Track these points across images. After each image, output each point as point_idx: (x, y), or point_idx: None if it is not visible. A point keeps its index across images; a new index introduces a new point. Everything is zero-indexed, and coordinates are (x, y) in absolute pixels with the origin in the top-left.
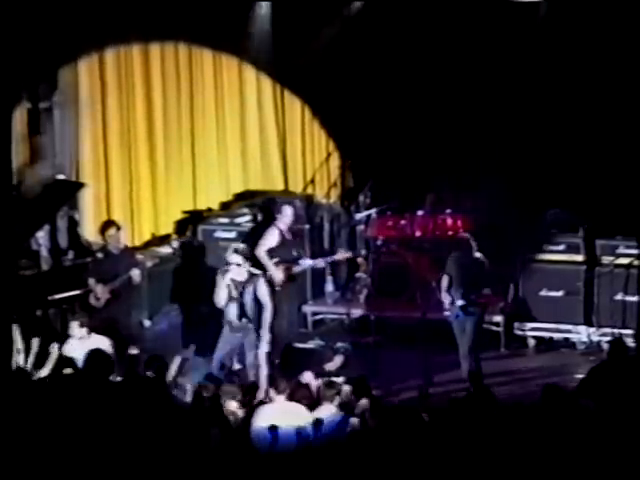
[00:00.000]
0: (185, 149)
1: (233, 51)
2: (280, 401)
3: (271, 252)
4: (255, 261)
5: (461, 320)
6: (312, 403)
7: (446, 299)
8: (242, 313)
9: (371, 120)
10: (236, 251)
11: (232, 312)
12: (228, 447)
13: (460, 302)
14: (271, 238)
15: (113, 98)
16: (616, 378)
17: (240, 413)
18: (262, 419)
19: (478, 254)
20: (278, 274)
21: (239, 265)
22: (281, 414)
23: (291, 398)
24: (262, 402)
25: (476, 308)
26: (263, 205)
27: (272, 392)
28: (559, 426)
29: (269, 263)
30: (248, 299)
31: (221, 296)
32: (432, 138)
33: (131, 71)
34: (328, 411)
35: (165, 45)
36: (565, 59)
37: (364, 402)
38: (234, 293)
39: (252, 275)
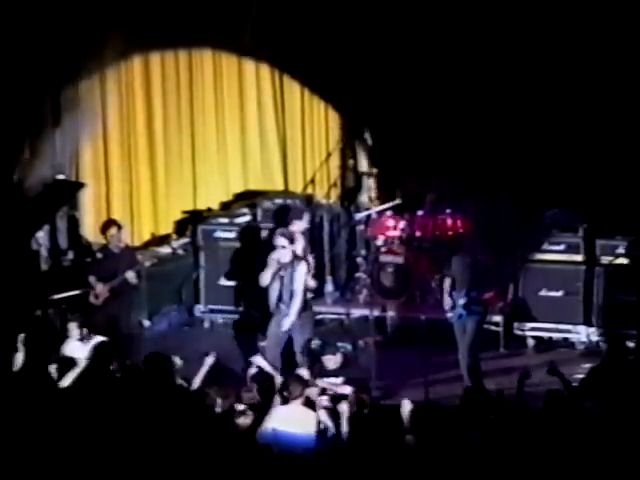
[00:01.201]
0: (185, 149)
1: (233, 47)
2: (294, 404)
3: None
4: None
5: (463, 320)
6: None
7: (448, 301)
8: (280, 296)
9: (371, 119)
10: (282, 234)
11: (273, 294)
12: (235, 447)
13: (462, 300)
14: (304, 244)
15: (113, 98)
16: (616, 378)
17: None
18: (272, 421)
19: (482, 254)
20: (312, 282)
21: (284, 247)
22: (291, 417)
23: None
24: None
25: (479, 307)
26: (277, 213)
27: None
28: (559, 426)
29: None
30: (286, 282)
31: (265, 277)
32: (432, 138)
33: (131, 71)
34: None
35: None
36: (565, 58)
37: (344, 407)
38: (277, 275)
39: (295, 258)
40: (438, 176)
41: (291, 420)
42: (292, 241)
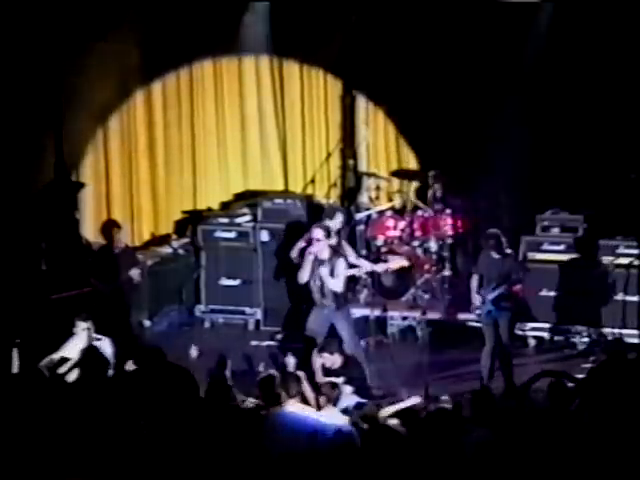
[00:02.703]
0: (185, 149)
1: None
2: (292, 403)
3: None
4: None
5: (493, 316)
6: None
7: (476, 298)
8: (322, 290)
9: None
10: (319, 227)
11: (315, 289)
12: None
13: (491, 296)
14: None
15: (113, 97)
16: (616, 378)
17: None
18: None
19: (509, 250)
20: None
21: (319, 240)
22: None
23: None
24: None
25: (508, 302)
26: (310, 210)
27: (283, 395)
28: (559, 426)
29: None
30: (327, 276)
31: (304, 274)
32: (432, 137)
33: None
34: (330, 414)
35: None
36: (565, 58)
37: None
38: (316, 270)
39: (334, 252)
40: (438, 176)
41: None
42: (328, 235)
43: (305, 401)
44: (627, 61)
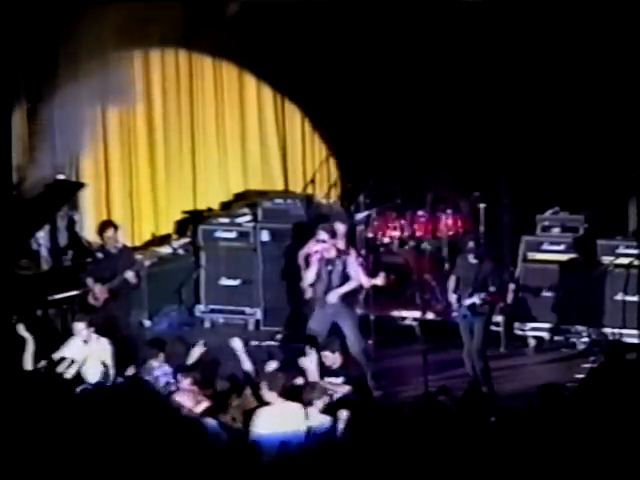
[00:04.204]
0: (185, 149)
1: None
2: (277, 402)
3: None
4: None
5: (469, 320)
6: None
7: (453, 300)
8: (329, 290)
9: (370, 120)
10: (323, 229)
11: (320, 289)
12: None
13: (467, 302)
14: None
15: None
16: (616, 379)
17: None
18: (261, 424)
19: (485, 256)
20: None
21: (324, 242)
22: (280, 417)
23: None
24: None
25: (484, 307)
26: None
27: (265, 389)
28: (558, 426)
29: None
30: (336, 276)
31: (310, 275)
32: (431, 137)
33: (131, 70)
34: (312, 415)
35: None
36: (565, 57)
37: (344, 414)
38: (323, 270)
39: (341, 252)
40: (437, 176)
41: (281, 418)
42: (333, 235)
43: (290, 398)
44: (627, 61)
